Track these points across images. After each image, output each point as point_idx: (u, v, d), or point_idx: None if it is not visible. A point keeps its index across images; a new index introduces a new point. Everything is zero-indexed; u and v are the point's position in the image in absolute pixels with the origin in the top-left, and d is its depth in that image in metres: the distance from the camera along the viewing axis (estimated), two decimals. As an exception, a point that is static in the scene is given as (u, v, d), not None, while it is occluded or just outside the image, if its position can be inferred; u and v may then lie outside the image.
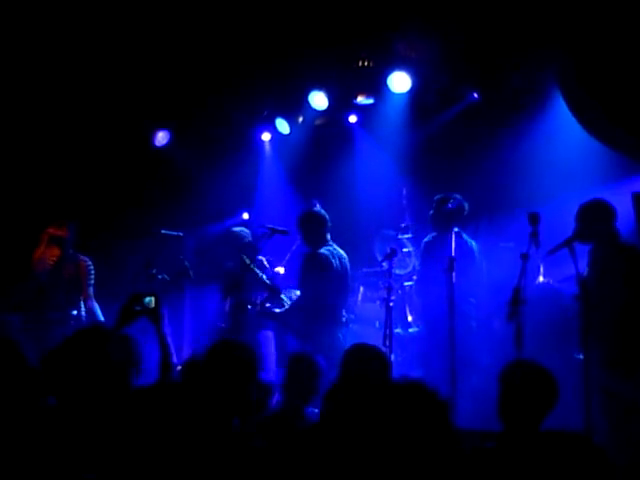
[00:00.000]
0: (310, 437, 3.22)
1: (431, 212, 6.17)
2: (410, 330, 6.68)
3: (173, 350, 3.59)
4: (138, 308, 3.58)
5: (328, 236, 6.03)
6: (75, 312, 6.23)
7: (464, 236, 6.06)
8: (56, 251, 6.43)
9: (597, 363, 4.69)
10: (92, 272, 6.45)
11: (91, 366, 3.07)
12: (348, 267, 6.08)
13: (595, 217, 4.96)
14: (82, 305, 6.34)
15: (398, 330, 6.68)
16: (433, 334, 5.90)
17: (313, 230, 6.01)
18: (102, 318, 6.33)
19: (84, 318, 6.27)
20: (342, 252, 6.05)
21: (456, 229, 6.05)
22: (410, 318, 6.74)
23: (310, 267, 5.88)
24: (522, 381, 3.08)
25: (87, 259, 6.49)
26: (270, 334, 6.52)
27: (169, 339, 3.58)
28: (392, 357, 5.66)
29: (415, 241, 6.92)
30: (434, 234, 6.21)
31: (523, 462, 2.87)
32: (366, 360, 3.47)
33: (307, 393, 3.82)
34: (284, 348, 6.41)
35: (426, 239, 6.31)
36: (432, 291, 5.88)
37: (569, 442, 2.83)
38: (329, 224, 6.05)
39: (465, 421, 4.63)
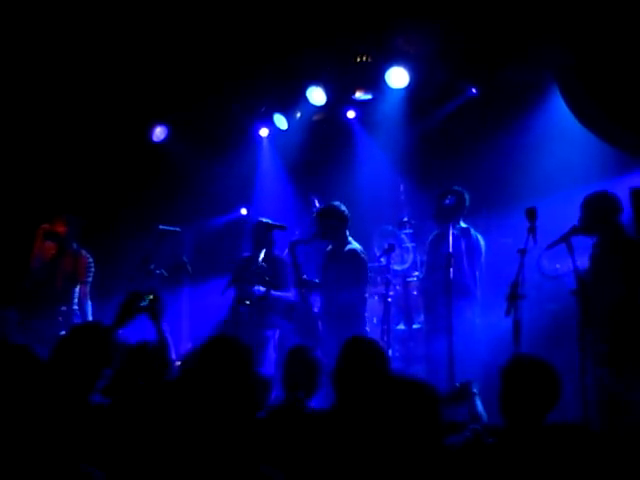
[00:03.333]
0: (306, 427, 3.24)
1: (434, 209, 6.18)
2: (414, 326, 6.69)
3: (172, 347, 3.60)
4: (138, 305, 3.59)
5: (347, 232, 6.16)
6: (64, 308, 6.21)
7: (472, 232, 6.07)
8: (53, 247, 6.43)
9: (592, 358, 4.70)
10: (91, 269, 6.43)
11: (90, 362, 3.08)
12: None
13: (600, 208, 4.98)
14: (75, 300, 6.33)
15: (401, 326, 6.69)
16: (435, 330, 5.90)
17: (335, 226, 6.09)
18: (90, 317, 6.33)
19: (73, 314, 6.25)
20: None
21: (464, 225, 6.06)
22: (413, 315, 6.75)
23: (358, 265, 6.01)
24: (524, 376, 3.08)
25: (88, 255, 6.49)
26: (270, 333, 6.48)
27: (168, 336, 3.59)
28: (390, 352, 5.69)
29: (415, 237, 6.92)
30: (437, 231, 6.22)
31: (526, 457, 2.87)
32: (363, 353, 3.48)
33: (307, 387, 3.81)
34: (284, 347, 6.40)
35: (431, 236, 6.32)
36: (435, 287, 5.89)
37: (572, 435, 2.84)
38: (349, 221, 6.17)
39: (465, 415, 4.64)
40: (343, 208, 6.15)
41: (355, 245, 6.15)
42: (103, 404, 3.22)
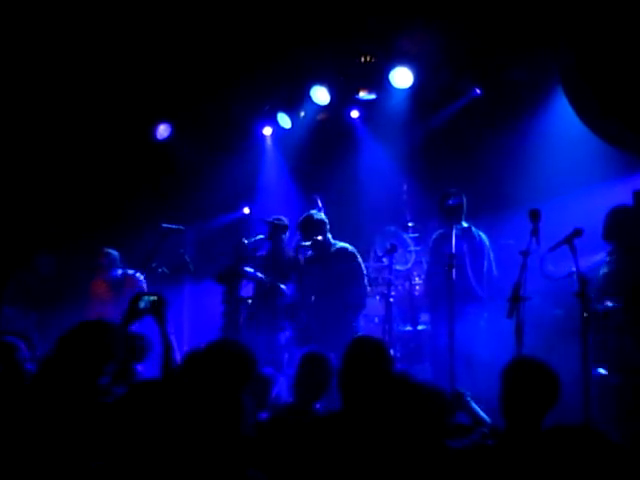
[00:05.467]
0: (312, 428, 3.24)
1: (438, 210, 6.20)
2: (419, 327, 6.69)
3: (176, 349, 3.60)
4: (142, 306, 3.60)
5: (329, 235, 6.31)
6: None
7: (474, 230, 6.07)
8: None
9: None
10: None
11: (92, 358, 3.08)
12: None
13: (619, 222, 5.26)
14: None
15: (408, 328, 6.69)
16: (439, 331, 5.90)
17: (326, 231, 6.24)
18: None
19: None
20: None
21: (465, 224, 6.07)
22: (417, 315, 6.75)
23: (359, 263, 6.17)
24: (525, 378, 3.08)
25: None
26: (274, 334, 6.48)
27: (172, 338, 3.59)
28: (392, 352, 5.67)
29: (420, 240, 6.92)
30: (441, 230, 6.23)
31: (527, 459, 2.86)
32: (367, 352, 3.48)
33: (318, 390, 3.87)
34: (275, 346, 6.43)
35: (434, 236, 6.32)
36: (439, 288, 5.88)
37: (574, 436, 2.83)
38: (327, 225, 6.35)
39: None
40: (318, 216, 6.27)
41: (342, 243, 6.26)
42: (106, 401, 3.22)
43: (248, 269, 6.25)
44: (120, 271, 6.91)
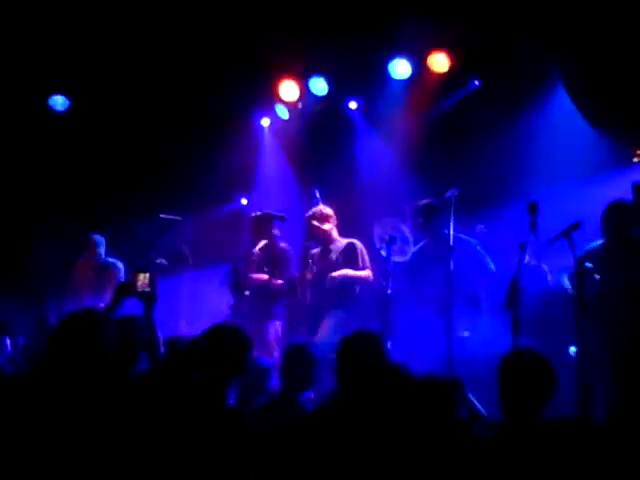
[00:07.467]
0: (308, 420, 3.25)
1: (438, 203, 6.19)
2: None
3: (159, 335, 3.61)
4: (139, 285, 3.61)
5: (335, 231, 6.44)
6: None
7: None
8: None
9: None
10: None
11: (84, 350, 3.06)
12: None
13: (616, 219, 5.22)
14: None
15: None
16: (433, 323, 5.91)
17: (325, 228, 6.34)
18: None
19: None
20: None
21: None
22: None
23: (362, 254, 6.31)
24: (522, 370, 3.08)
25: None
26: (278, 323, 6.50)
27: (155, 322, 3.59)
28: (388, 345, 5.67)
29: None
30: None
31: (525, 452, 2.86)
32: (361, 344, 3.49)
33: (303, 381, 3.98)
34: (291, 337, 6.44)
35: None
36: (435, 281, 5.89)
37: (572, 429, 2.83)
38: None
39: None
40: (328, 210, 6.32)
41: (347, 240, 6.33)
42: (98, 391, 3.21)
43: (258, 276, 6.29)
44: (103, 257, 6.79)
